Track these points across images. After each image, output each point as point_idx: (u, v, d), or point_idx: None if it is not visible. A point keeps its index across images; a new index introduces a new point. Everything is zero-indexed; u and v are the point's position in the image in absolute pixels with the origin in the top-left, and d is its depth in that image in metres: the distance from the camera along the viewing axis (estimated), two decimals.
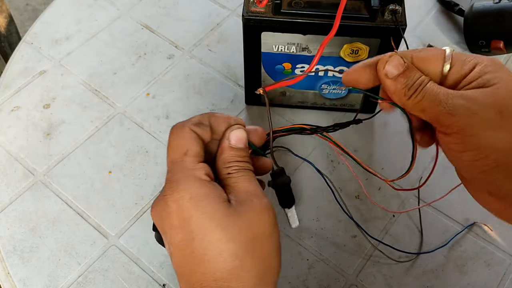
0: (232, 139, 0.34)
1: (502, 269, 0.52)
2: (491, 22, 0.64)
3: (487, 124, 0.30)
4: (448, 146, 0.32)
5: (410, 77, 0.33)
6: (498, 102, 0.30)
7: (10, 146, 0.61)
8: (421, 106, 0.32)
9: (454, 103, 0.31)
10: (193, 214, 0.31)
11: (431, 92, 0.32)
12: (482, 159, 0.31)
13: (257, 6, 0.51)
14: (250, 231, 0.31)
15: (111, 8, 0.75)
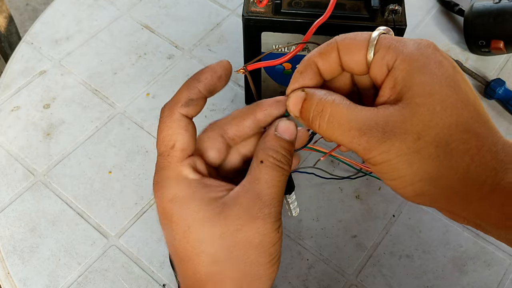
0: (279, 128, 0.31)
1: (502, 269, 0.52)
2: (491, 22, 0.64)
3: (407, 155, 0.27)
4: (374, 171, 0.30)
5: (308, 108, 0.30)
6: (416, 127, 0.27)
7: (10, 146, 0.61)
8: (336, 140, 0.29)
9: (368, 139, 0.28)
10: (174, 215, 0.30)
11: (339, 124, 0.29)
12: (403, 188, 0.29)
13: (257, 6, 0.51)
14: (233, 237, 0.29)
15: (111, 8, 0.75)
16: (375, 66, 0.29)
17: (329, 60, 0.31)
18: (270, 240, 0.29)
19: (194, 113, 0.32)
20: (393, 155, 0.28)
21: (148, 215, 0.56)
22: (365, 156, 0.29)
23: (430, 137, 0.27)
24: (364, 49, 0.29)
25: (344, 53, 0.30)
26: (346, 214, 0.56)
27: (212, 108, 0.64)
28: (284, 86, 0.59)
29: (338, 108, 0.29)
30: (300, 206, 0.56)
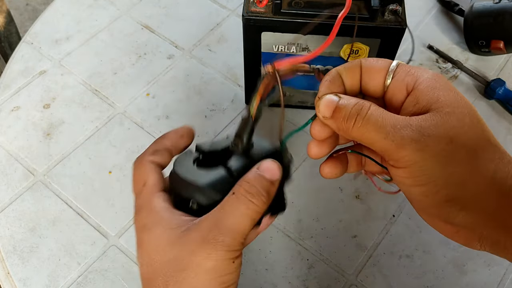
0: (262, 166, 0.33)
1: (502, 269, 0.52)
2: (491, 22, 0.64)
3: (438, 157, 0.28)
4: (398, 179, 0.31)
5: (345, 107, 0.31)
6: (449, 131, 0.28)
7: (10, 146, 0.61)
8: (367, 137, 0.30)
9: (403, 135, 0.29)
10: (143, 240, 0.34)
11: (375, 121, 0.30)
12: (433, 194, 0.29)
13: (257, 6, 0.51)
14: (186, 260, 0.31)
15: (111, 8, 0.75)
16: (394, 87, 0.31)
17: (352, 76, 0.33)
18: (224, 268, 0.31)
19: (160, 161, 0.36)
20: (427, 154, 0.28)
21: None
22: (396, 155, 0.29)
23: (461, 142, 0.28)
24: (384, 73, 0.32)
25: (365, 72, 0.32)
26: (346, 214, 0.56)
27: (212, 108, 0.64)
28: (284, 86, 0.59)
29: (375, 109, 0.30)
30: (300, 206, 0.56)
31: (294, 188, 0.57)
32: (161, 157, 0.36)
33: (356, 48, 0.53)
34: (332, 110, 0.31)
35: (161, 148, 0.37)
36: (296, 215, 0.56)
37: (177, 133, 0.38)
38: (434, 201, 0.29)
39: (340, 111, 0.31)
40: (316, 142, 0.35)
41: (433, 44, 0.70)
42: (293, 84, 0.59)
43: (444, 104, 0.29)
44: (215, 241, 0.30)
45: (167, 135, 0.38)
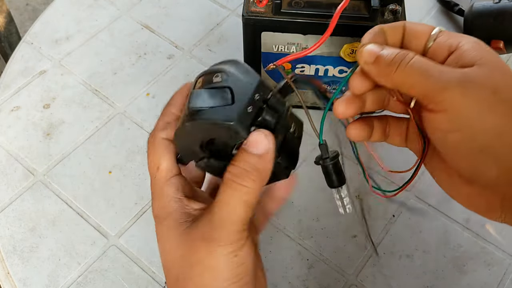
0: (248, 141, 0.30)
1: (502, 269, 0.52)
2: (491, 22, 0.64)
3: (481, 104, 0.29)
4: (434, 125, 0.30)
5: (389, 54, 0.31)
6: (494, 83, 0.29)
7: (10, 146, 0.61)
8: (410, 80, 0.30)
9: (449, 77, 0.29)
10: (157, 230, 0.33)
11: (420, 65, 0.30)
12: (470, 141, 0.29)
13: (257, 6, 0.51)
14: (190, 259, 0.31)
15: (111, 8, 0.75)
16: (436, 49, 0.32)
17: (395, 35, 0.33)
18: (227, 265, 0.30)
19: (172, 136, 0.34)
20: (471, 99, 0.28)
21: (148, 215, 0.56)
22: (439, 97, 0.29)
23: (504, 96, 0.29)
24: (427, 36, 0.32)
25: (408, 34, 0.33)
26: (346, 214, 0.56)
27: None
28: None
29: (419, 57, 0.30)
30: (300, 206, 0.56)
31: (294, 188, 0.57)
32: (174, 129, 0.33)
33: (356, 48, 0.53)
34: (375, 57, 0.31)
35: (171, 119, 0.34)
36: (296, 215, 0.56)
37: (181, 94, 0.35)
38: (469, 149, 0.29)
39: (383, 58, 0.31)
40: (343, 100, 0.34)
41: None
42: None
43: (489, 60, 0.30)
44: (210, 238, 0.30)
45: (172, 101, 0.35)
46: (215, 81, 0.31)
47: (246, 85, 0.31)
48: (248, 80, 0.31)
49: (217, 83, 0.31)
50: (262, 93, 0.31)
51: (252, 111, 0.30)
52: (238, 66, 0.32)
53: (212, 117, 0.30)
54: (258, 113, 0.30)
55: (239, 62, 0.32)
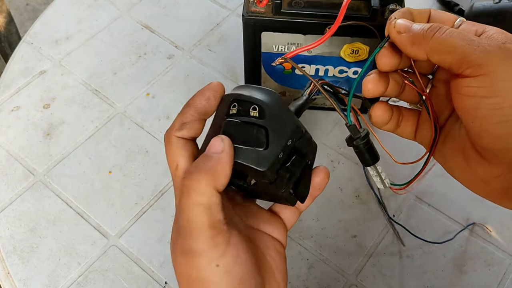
0: None
1: (502, 269, 0.52)
2: (491, 22, 0.64)
3: None
4: (469, 91, 0.30)
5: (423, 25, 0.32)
6: None
7: (10, 146, 0.61)
8: (448, 45, 0.30)
9: (489, 42, 0.30)
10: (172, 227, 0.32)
11: (458, 33, 0.30)
12: (506, 107, 0.29)
13: (257, 6, 0.51)
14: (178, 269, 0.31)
15: (111, 8, 0.75)
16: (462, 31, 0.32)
17: (421, 19, 0.34)
18: (212, 275, 0.29)
19: (190, 134, 0.33)
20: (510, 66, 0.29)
21: (148, 215, 0.56)
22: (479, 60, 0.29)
23: None
24: (451, 23, 0.33)
25: (433, 18, 0.34)
26: (346, 214, 0.56)
27: None
28: (284, 86, 0.59)
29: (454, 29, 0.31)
30: None
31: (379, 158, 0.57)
32: (189, 130, 0.33)
33: (356, 48, 0.53)
34: (408, 28, 0.32)
35: (187, 119, 0.33)
36: None
37: (203, 95, 0.34)
38: (505, 115, 0.29)
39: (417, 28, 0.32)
40: (372, 78, 0.35)
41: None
42: (292, 85, 0.59)
43: None
44: (184, 250, 0.29)
45: (191, 101, 0.34)
46: (252, 115, 0.31)
47: (282, 128, 0.31)
48: (285, 122, 0.31)
49: (253, 119, 0.31)
50: (295, 138, 0.31)
51: (283, 156, 0.31)
52: (278, 103, 0.32)
53: (246, 159, 0.30)
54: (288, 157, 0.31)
55: (279, 98, 0.32)
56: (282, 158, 0.31)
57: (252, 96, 0.32)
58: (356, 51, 0.53)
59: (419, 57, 0.32)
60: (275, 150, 0.30)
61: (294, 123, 0.31)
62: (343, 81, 0.57)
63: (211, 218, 0.29)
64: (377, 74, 0.35)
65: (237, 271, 0.29)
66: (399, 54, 0.34)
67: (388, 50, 0.34)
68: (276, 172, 0.31)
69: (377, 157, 0.36)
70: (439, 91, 0.36)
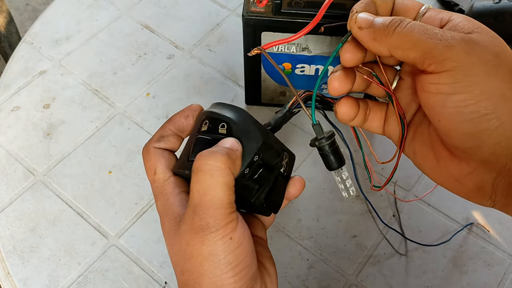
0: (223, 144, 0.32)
1: (502, 269, 0.52)
2: (491, 22, 0.64)
3: (486, 66, 0.28)
4: (434, 88, 0.29)
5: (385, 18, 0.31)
6: (495, 47, 0.28)
7: (10, 146, 0.61)
8: (410, 40, 0.29)
9: (453, 36, 0.28)
10: (161, 227, 0.34)
11: (420, 26, 0.29)
12: (473, 104, 0.28)
13: (257, 6, 0.51)
14: (186, 252, 0.31)
15: (111, 8, 0.75)
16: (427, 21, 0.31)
17: (385, 7, 0.33)
18: (224, 249, 0.30)
19: (167, 146, 0.36)
20: (476, 59, 0.28)
21: (148, 215, 0.56)
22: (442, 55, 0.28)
23: (505, 60, 0.28)
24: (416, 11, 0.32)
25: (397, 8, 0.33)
26: (346, 214, 0.56)
27: None
28: (284, 86, 0.59)
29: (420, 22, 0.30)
30: (300, 206, 0.56)
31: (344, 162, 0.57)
32: (167, 143, 0.35)
33: None
34: (370, 22, 0.31)
35: (166, 133, 0.36)
36: (296, 215, 0.56)
37: (183, 114, 0.36)
38: (471, 112, 0.28)
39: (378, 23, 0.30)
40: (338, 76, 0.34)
41: None
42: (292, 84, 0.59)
43: (484, 29, 0.29)
44: (199, 228, 0.30)
45: (172, 118, 0.36)
46: (221, 132, 0.33)
47: (248, 144, 0.32)
48: (252, 138, 0.32)
49: (222, 136, 0.32)
50: (262, 154, 0.33)
51: (249, 171, 0.32)
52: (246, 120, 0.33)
53: None
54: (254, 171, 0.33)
55: (247, 116, 0.33)
56: (248, 173, 0.32)
57: (221, 114, 0.33)
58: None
59: (382, 53, 0.31)
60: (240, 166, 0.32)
61: (261, 139, 0.32)
62: None
63: (230, 197, 0.30)
64: (342, 71, 0.34)
65: (246, 245, 0.31)
66: (363, 48, 0.33)
67: (352, 45, 0.33)
68: (243, 187, 0.32)
69: (342, 161, 0.35)
70: (407, 84, 0.35)
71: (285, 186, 0.36)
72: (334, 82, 0.34)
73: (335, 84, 0.34)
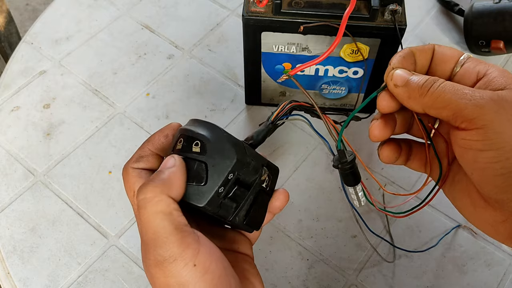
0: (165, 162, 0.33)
1: (502, 269, 0.52)
2: (491, 22, 0.64)
3: None
4: (466, 144, 0.30)
5: (420, 77, 0.32)
6: None
7: (10, 146, 0.61)
8: (442, 100, 0.30)
9: (482, 96, 0.29)
10: None
11: (451, 87, 0.30)
12: (503, 160, 0.29)
13: (257, 6, 0.51)
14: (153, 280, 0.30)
15: (111, 8, 0.75)
16: (463, 74, 0.33)
17: (425, 57, 0.34)
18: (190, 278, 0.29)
19: (146, 166, 0.35)
20: (505, 117, 0.28)
21: None
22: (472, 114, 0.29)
23: None
24: (455, 60, 0.33)
25: (437, 57, 0.34)
26: (346, 214, 0.56)
27: (212, 108, 0.64)
28: (283, 86, 0.59)
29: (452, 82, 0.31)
30: (300, 206, 0.56)
31: (294, 188, 0.57)
32: (146, 163, 0.35)
33: (356, 48, 0.53)
34: (405, 80, 0.32)
35: (145, 153, 0.35)
36: (296, 215, 0.56)
37: (162, 133, 0.36)
38: (501, 169, 0.29)
39: (413, 81, 0.32)
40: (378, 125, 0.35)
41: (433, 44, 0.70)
42: (292, 84, 0.59)
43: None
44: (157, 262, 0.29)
45: (151, 137, 0.36)
46: (194, 151, 0.32)
47: (222, 163, 0.32)
48: (226, 156, 0.32)
49: (195, 154, 0.32)
50: (237, 172, 0.32)
51: (224, 190, 0.32)
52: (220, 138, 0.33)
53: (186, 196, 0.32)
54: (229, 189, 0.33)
55: (221, 133, 0.33)
56: (223, 191, 0.32)
57: (195, 131, 0.33)
58: (356, 51, 0.53)
59: (417, 110, 0.32)
60: (214, 185, 0.32)
61: (235, 156, 0.32)
62: (343, 81, 0.57)
63: (174, 223, 0.29)
64: (382, 119, 0.35)
65: (214, 268, 0.30)
66: None
67: (388, 94, 0.34)
68: (219, 205, 0.32)
69: (359, 180, 0.37)
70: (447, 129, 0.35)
71: (267, 201, 0.36)
72: (374, 131, 0.35)
73: (375, 133, 0.35)
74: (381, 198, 0.57)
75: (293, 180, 0.58)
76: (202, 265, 0.29)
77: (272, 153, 0.59)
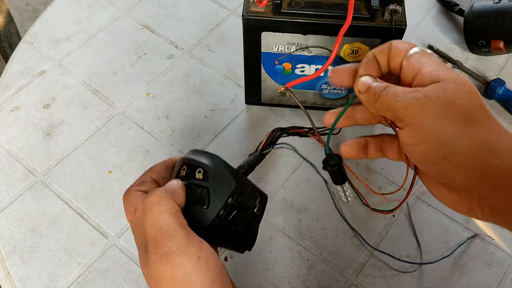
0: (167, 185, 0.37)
1: (502, 269, 0.52)
2: (491, 22, 0.64)
3: (437, 117, 0.32)
4: (404, 140, 0.34)
5: (377, 84, 0.35)
6: (447, 96, 0.32)
7: (10, 146, 0.61)
8: (385, 105, 0.34)
9: (408, 97, 0.33)
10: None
11: (392, 92, 0.34)
12: (433, 151, 0.33)
13: (257, 6, 0.51)
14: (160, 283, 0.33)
15: (111, 8, 0.75)
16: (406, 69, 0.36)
17: (384, 57, 0.37)
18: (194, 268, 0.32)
19: (147, 190, 0.38)
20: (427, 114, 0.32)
21: None
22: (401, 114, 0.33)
23: (458, 107, 0.32)
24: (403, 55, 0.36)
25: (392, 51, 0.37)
26: (346, 214, 0.56)
27: (212, 108, 0.64)
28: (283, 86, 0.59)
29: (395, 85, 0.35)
30: (300, 206, 0.56)
31: (294, 188, 0.57)
32: (148, 187, 0.38)
33: (356, 48, 0.53)
34: (366, 87, 0.36)
35: (147, 179, 0.39)
36: (296, 215, 0.56)
37: (163, 164, 0.40)
38: (434, 158, 0.33)
39: (371, 89, 0.36)
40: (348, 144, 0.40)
41: (433, 44, 0.70)
42: None
43: (445, 77, 0.33)
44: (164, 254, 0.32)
45: (153, 167, 0.40)
46: (197, 177, 0.37)
47: (222, 188, 0.36)
48: (225, 182, 0.37)
49: (198, 181, 0.37)
50: (235, 196, 0.37)
51: (224, 212, 0.36)
52: (220, 167, 0.37)
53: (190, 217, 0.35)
54: (229, 212, 0.37)
55: (221, 162, 0.38)
56: (224, 213, 0.36)
57: (198, 160, 0.38)
58: (356, 51, 0.53)
59: (376, 114, 0.36)
60: (215, 208, 0.36)
61: (234, 182, 0.37)
62: None
63: (179, 221, 0.34)
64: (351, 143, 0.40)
65: (215, 264, 0.33)
66: None
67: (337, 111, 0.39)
68: (219, 227, 0.36)
69: (345, 179, 0.42)
70: None
71: (258, 225, 0.40)
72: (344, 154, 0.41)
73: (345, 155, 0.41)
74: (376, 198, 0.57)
75: (293, 180, 0.58)
76: (205, 260, 0.33)
77: (273, 152, 0.59)
